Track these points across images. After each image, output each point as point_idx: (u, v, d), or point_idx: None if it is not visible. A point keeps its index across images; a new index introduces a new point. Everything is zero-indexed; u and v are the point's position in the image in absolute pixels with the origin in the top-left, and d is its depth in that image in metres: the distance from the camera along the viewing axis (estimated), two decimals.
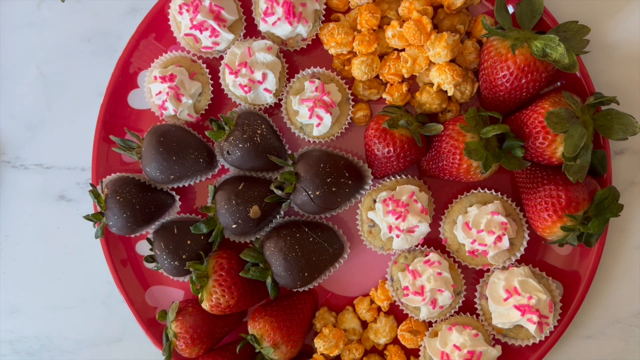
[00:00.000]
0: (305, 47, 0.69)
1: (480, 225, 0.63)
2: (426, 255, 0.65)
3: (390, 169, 0.65)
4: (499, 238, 0.63)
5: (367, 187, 0.66)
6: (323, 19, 0.67)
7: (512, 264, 0.66)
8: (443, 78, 0.64)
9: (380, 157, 0.64)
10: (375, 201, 0.65)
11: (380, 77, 0.68)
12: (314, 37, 0.68)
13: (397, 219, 0.63)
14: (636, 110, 0.66)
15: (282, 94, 0.68)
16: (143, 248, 0.72)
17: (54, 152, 0.75)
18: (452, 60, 0.66)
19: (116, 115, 0.71)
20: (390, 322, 0.68)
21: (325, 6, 0.68)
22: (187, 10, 0.65)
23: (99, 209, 0.67)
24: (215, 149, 0.68)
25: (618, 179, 0.68)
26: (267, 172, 0.68)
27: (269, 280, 0.65)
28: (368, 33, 0.66)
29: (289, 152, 0.69)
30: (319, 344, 0.67)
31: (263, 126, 0.65)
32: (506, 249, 0.64)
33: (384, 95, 0.68)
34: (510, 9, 0.65)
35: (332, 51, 0.67)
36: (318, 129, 0.66)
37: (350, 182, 0.64)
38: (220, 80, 0.69)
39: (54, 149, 0.74)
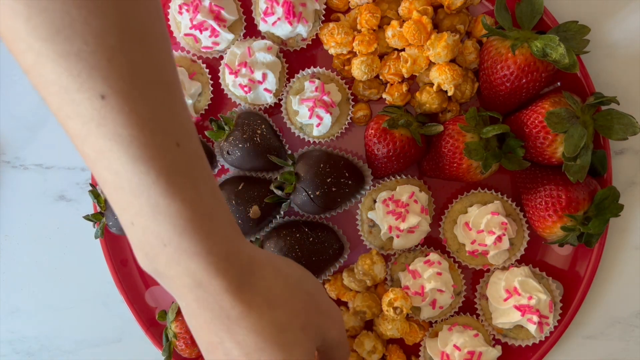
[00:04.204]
0: (305, 47, 0.69)
1: (480, 225, 0.63)
2: (426, 255, 0.65)
3: (390, 169, 0.65)
4: (499, 238, 0.63)
5: (367, 187, 0.66)
6: (323, 19, 0.67)
7: (512, 264, 0.66)
8: (443, 78, 0.64)
9: (380, 157, 0.64)
10: (375, 201, 0.65)
11: (380, 77, 0.68)
12: (314, 37, 0.68)
13: (397, 219, 0.63)
14: (636, 110, 0.66)
15: (282, 94, 0.68)
16: None
17: (54, 152, 0.74)
18: (452, 60, 0.66)
19: None
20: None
21: (325, 6, 0.68)
22: (187, 10, 0.65)
23: (98, 209, 0.67)
24: (215, 149, 0.68)
25: (618, 179, 0.68)
26: (267, 172, 0.68)
27: None
28: (368, 33, 0.66)
29: (289, 152, 0.69)
30: None
31: (263, 126, 0.65)
32: (506, 249, 0.64)
33: (384, 95, 0.68)
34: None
35: (332, 51, 0.67)
36: (318, 129, 0.66)
37: (350, 182, 0.64)
38: (220, 80, 0.69)
39: (54, 149, 0.74)
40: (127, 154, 0.34)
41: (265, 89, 0.66)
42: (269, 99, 0.67)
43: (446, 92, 0.66)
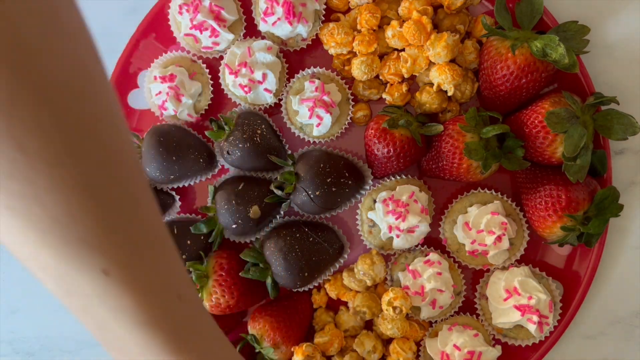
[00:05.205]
0: (305, 47, 0.69)
1: (480, 225, 0.63)
2: (426, 255, 0.65)
3: (390, 169, 0.65)
4: (499, 238, 0.63)
5: (367, 187, 0.66)
6: (323, 19, 0.67)
7: (512, 264, 0.66)
8: (443, 78, 0.64)
9: (380, 157, 0.64)
10: (375, 201, 0.65)
11: (380, 77, 0.68)
12: (314, 37, 0.68)
13: (397, 219, 0.63)
14: (636, 110, 0.66)
15: (282, 94, 0.68)
16: None
17: None
18: (452, 60, 0.66)
19: None
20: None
21: (325, 6, 0.68)
22: (187, 10, 0.65)
23: None
24: (215, 149, 0.68)
25: (618, 179, 0.68)
26: (267, 172, 0.68)
27: (269, 280, 0.65)
28: (368, 33, 0.66)
29: (289, 152, 0.69)
30: (317, 338, 0.66)
31: (263, 126, 0.65)
32: (506, 249, 0.64)
33: (384, 95, 0.68)
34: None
35: (332, 51, 0.67)
36: (318, 129, 0.66)
37: (350, 182, 0.64)
38: (220, 80, 0.69)
39: None
40: (132, 321, 0.34)
41: (265, 89, 0.66)
42: (269, 99, 0.67)
43: (446, 92, 0.66)
